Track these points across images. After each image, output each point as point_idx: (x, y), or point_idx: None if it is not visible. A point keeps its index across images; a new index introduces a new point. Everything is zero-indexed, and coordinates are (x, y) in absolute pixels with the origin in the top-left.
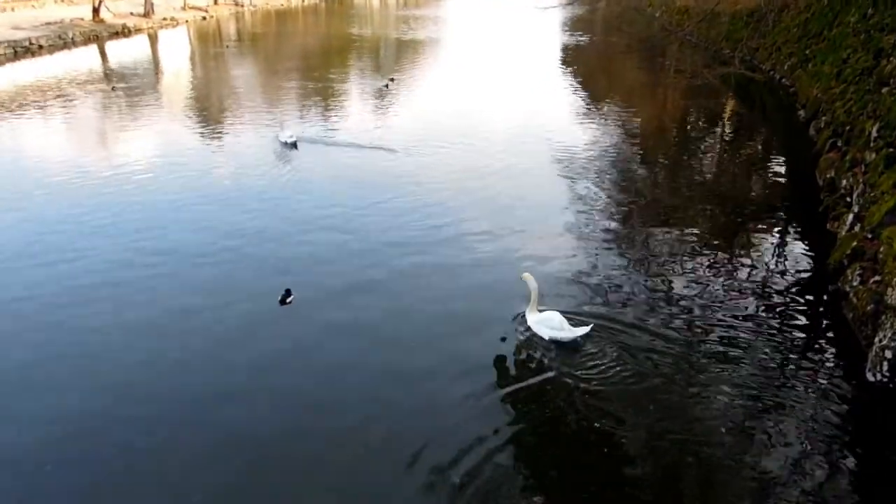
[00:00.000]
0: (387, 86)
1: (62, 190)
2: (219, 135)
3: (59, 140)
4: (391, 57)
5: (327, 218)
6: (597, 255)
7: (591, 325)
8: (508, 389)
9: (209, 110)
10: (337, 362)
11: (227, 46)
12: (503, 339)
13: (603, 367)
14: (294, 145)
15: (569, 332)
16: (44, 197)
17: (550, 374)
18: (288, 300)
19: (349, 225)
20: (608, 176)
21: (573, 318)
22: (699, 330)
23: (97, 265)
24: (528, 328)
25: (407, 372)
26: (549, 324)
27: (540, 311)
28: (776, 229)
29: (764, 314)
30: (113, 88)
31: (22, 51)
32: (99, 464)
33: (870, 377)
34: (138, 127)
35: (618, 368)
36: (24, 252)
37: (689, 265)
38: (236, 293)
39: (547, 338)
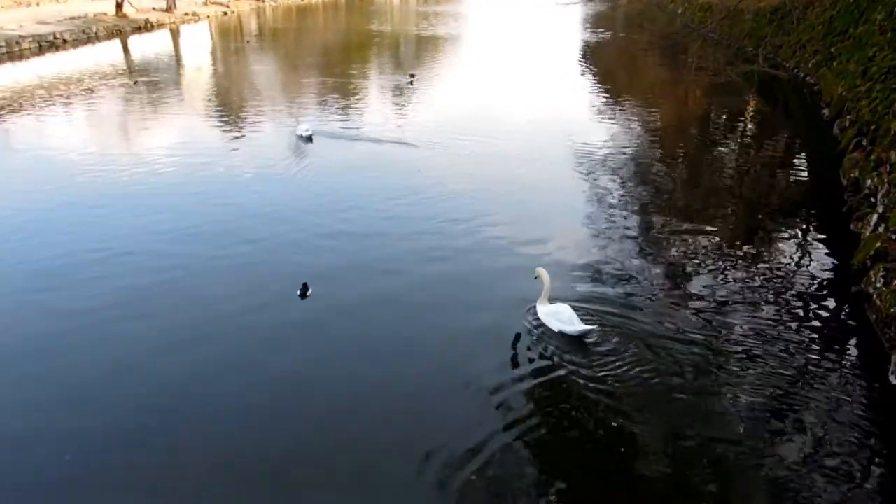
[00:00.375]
0: (410, 83)
1: (83, 184)
2: (238, 129)
3: (81, 134)
4: (411, 53)
5: (344, 216)
6: (616, 251)
7: (595, 326)
8: (521, 385)
9: (229, 105)
10: (346, 358)
11: (248, 42)
12: (518, 336)
13: (620, 363)
14: (310, 139)
15: (576, 325)
16: (63, 191)
17: (565, 369)
18: (308, 293)
19: (365, 219)
20: (629, 173)
21: (589, 312)
22: (718, 329)
23: (113, 261)
24: (538, 319)
25: (418, 369)
26: (558, 316)
27: (551, 303)
28: (799, 229)
29: (785, 314)
30: (135, 83)
31: (47, 45)
32: (111, 461)
33: (893, 380)
34: (158, 121)
35: (635, 366)
36: (31, 250)
37: (710, 263)
38: (251, 288)
39: (556, 329)
